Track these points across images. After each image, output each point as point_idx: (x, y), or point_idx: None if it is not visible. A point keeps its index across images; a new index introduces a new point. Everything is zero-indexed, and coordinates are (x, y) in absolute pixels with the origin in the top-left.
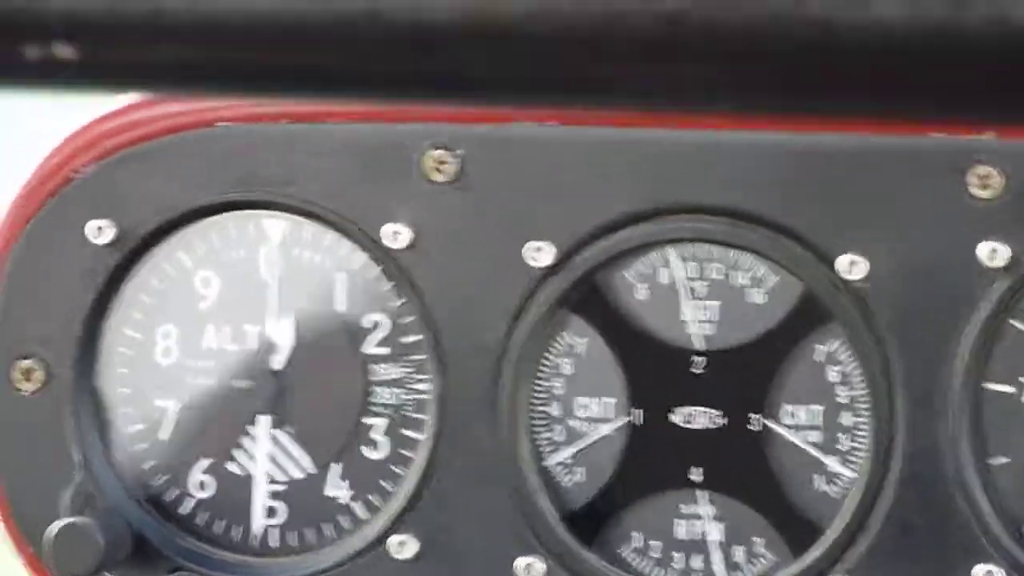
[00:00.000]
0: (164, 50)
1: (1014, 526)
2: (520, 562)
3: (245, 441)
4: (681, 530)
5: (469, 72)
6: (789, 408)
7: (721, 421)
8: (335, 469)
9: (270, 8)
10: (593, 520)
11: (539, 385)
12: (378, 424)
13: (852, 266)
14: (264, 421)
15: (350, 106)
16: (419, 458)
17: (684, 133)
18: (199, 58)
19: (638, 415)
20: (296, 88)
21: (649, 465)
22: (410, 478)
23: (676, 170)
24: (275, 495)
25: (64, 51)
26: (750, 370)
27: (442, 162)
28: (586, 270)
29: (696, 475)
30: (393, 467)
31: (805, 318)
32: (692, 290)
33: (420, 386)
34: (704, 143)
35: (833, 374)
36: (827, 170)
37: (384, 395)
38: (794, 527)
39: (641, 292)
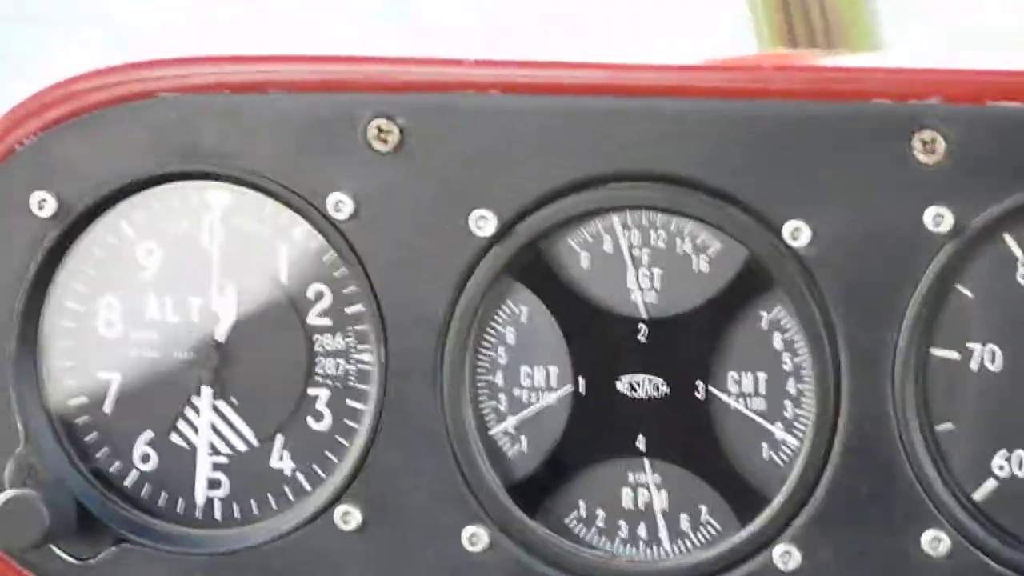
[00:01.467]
0: None
1: (961, 492)
2: (465, 531)
3: (188, 413)
4: (627, 499)
5: None
6: (734, 375)
7: (666, 389)
8: (279, 440)
9: None
10: (538, 489)
11: (483, 354)
12: (322, 395)
13: (796, 232)
14: (207, 393)
15: (291, 76)
16: (363, 428)
17: (626, 100)
18: None
19: (582, 384)
20: None
21: (594, 434)
22: (354, 449)
23: (618, 137)
24: (218, 467)
25: None
26: (694, 338)
27: (385, 131)
28: (529, 238)
29: (641, 443)
30: (337, 438)
31: (749, 285)
32: (635, 258)
33: (363, 356)
34: (646, 110)
35: (778, 341)
36: (770, 136)
37: (328, 366)
38: (740, 495)
39: (585, 260)
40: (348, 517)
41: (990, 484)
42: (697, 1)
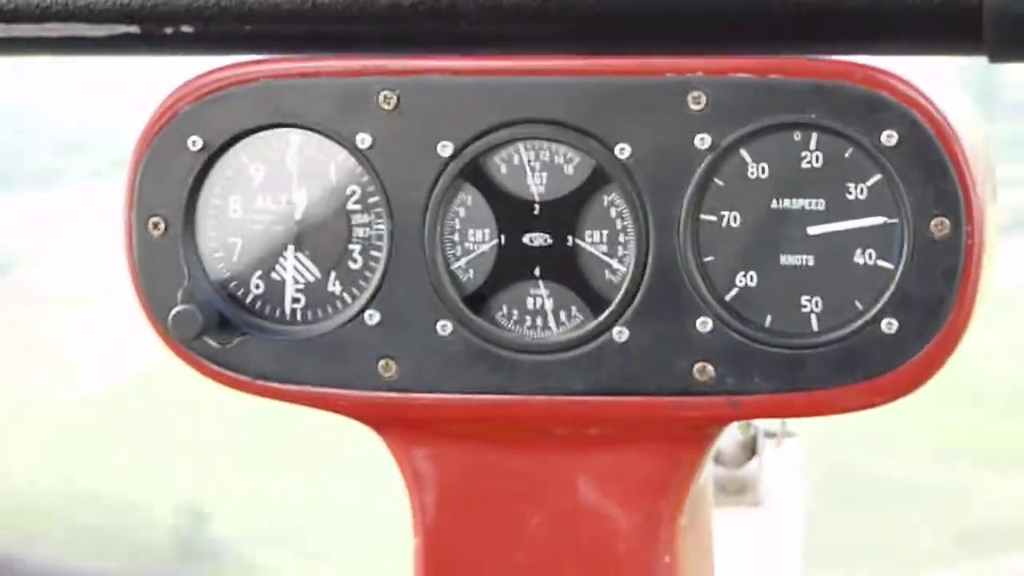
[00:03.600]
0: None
1: (719, 295)
2: (439, 324)
3: (280, 259)
4: (529, 304)
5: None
6: (588, 232)
7: (551, 240)
8: (332, 274)
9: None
10: (479, 299)
11: (447, 223)
12: (356, 248)
13: (622, 150)
14: (291, 248)
15: (334, 68)
16: (381, 265)
17: (527, 78)
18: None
19: (503, 239)
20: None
21: (510, 266)
22: (375, 278)
23: (522, 98)
24: (299, 290)
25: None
26: (566, 210)
27: (388, 98)
28: (472, 156)
29: (538, 271)
30: (366, 272)
31: (596, 181)
32: (531, 167)
33: (380, 225)
34: (538, 83)
35: (613, 212)
36: (607, 95)
37: (359, 231)
38: (594, 300)
39: (504, 168)
40: (371, 317)
41: (734, 291)
42: None
